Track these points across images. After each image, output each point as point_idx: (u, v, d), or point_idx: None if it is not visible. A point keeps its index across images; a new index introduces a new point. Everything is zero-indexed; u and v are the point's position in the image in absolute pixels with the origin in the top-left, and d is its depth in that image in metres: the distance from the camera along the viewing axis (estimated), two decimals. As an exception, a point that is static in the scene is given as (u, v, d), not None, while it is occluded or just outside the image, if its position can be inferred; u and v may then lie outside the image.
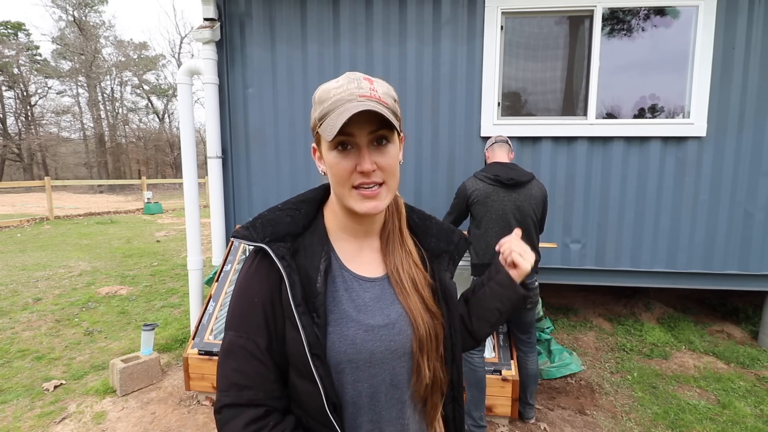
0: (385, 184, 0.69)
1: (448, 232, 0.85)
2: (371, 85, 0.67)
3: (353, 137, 0.66)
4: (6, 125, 27.99)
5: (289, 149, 3.47)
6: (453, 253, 0.84)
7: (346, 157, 0.67)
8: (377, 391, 0.72)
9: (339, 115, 0.62)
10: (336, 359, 0.69)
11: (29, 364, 3.19)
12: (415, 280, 0.77)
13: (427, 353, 0.74)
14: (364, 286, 0.75)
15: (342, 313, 0.71)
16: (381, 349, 0.71)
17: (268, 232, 0.71)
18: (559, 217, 3.34)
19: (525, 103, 3.40)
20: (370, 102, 0.63)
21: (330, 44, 3.34)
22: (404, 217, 0.82)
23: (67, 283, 5.25)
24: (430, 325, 0.74)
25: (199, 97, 22.47)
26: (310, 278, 0.70)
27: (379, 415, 0.73)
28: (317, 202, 0.80)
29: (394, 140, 0.69)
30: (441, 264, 0.82)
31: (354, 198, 0.68)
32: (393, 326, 0.73)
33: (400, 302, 0.75)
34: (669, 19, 3.21)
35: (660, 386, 2.91)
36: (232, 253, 3.10)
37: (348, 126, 0.63)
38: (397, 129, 0.68)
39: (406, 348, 0.73)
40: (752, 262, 3.25)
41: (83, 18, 28.77)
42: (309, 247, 0.73)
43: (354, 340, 0.70)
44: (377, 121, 0.65)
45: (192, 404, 2.69)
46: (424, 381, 0.74)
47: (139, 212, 13.69)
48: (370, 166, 0.66)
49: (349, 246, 0.77)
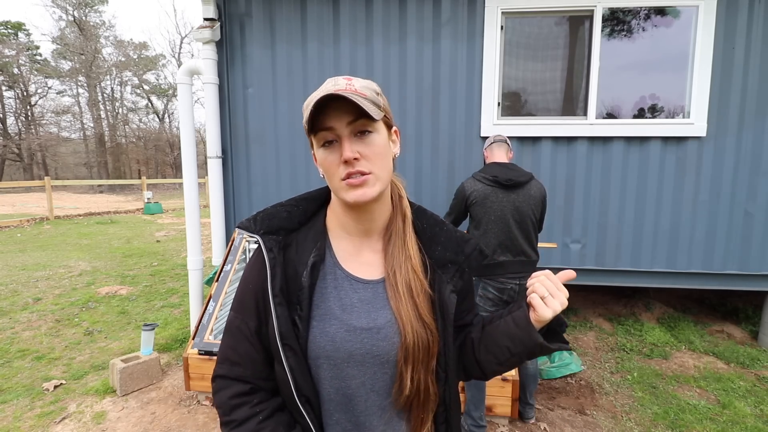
0: (372, 173, 0.69)
1: (460, 241, 0.80)
2: (348, 81, 0.68)
3: (334, 131, 0.68)
4: (6, 125, 27.99)
5: (289, 149, 3.47)
6: (462, 265, 0.78)
7: (332, 151, 0.69)
8: (356, 393, 0.72)
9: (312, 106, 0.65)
10: (315, 353, 0.71)
11: (29, 364, 3.19)
12: (412, 286, 0.74)
13: (412, 364, 0.71)
14: (355, 287, 0.75)
15: (327, 309, 0.72)
16: (361, 351, 0.71)
17: (264, 225, 0.75)
18: (559, 217, 3.34)
19: (525, 103, 3.40)
20: (344, 92, 0.64)
21: (330, 43, 3.35)
22: (409, 219, 0.79)
23: (67, 283, 5.25)
24: (420, 335, 0.71)
25: (199, 97, 22.48)
26: (296, 272, 0.73)
27: (357, 418, 0.73)
28: (319, 201, 0.82)
29: (377, 130, 0.70)
30: (445, 275, 0.77)
31: (343, 188, 0.69)
32: (378, 331, 0.72)
33: (391, 307, 0.73)
34: (669, 19, 3.21)
35: (660, 386, 2.91)
36: (232, 253, 3.10)
37: (327, 120, 0.67)
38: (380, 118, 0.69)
39: (390, 355, 0.72)
40: (752, 262, 3.25)
41: (83, 18, 28.77)
42: (302, 242, 0.76)
43: (334, 338, 0.71)
44: (355, 111, 0.66)
45: (192, 404, 2.69)
46: (404, 392, 0.72)
47: (139, 212, 13.69)
48: (351, 153, 0.66)
49: (348, 245, 0.78)
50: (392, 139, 0.76)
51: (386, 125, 0.73)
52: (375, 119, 0.67)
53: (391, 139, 0.75)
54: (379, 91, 0.71)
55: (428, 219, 0.82)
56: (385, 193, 0.75)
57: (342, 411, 0.73)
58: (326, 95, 0.64)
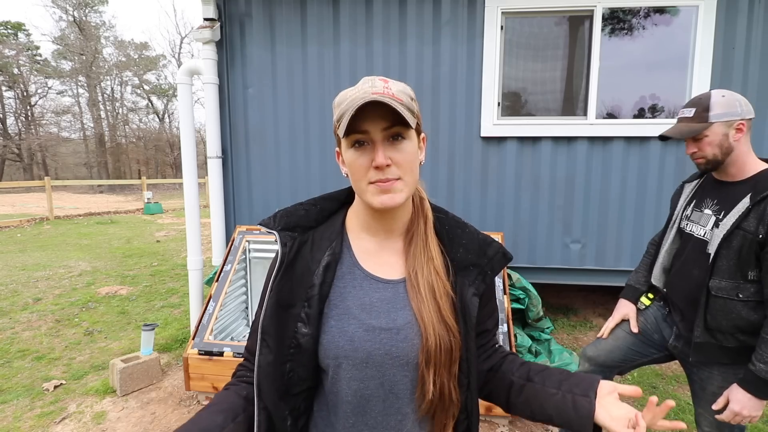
0: (401, 179, 0.68)
1: (483, 244, 0.78)
2: (385, 84, 0.67)
3: (368, 134, 0.67)
4: (6, 125, 28.00)
5: (289, 149, 3.47)
6: (485, 268, 0.76)
7: (363, 153, 0.68)
8: (374, 394, 0.71)
9: (352, 111, 0.64)
10: (334, 353, 0.70)
11: (29, 364, 3.19)
12: (434, 287, 0.72)
13: (434, 367, 0.69)
14: (375, 286, 0.74)
15: (345, 309, 0.72)
16: (380, 352, 0.70)
17: (283, 222, 0.76)
18: (559, 217, 3.34)
19: (525, 103, 3.40)
20: (383, 98, 0.64)
21: (330, 44, 3.35)
22: (430, 220, 0.78)
23: (67, 283, 5.25)
24: (442, 338, 0.69)
25: (199, 97, 22.48)
26: (308, 269, 0.73)
27: (374, 420, 0.72)
28: (339, 202, 0.82)
29: (410, 137, 0.70)
30: (467, 278, 0.75)
31: (371, 192, 0.69)
32: (398, 332, 0.70)
33: (412, 308, 0.71)
34: (669, 19, 3.21)
35: (660, 386, 2.91)
36: (232, 253, 3.10)
37: (362, 123, 0.66)
38: (414, 126, 0.68)
39: (410, 357, 0.70)
40: (752, 262, 3.24)
41: (83, 18, 28.78)
42: (318, 240, 0.76)
43: (353, 338, 0.70)
44: (391, 117, 0.66)
45: (192, 404, 2.69)
46: (428, 396, 0.70)
47: (139, 212, 13.69)
48: (384, 160, 0.66)
49: (368, 245, 0.77)
50: (420, 146, 0.75)
51: (417, 132, 0.73)
52: (410, 126, 0.67)
53: (419, 146, 0.75)
54: (413, 97, 0.71)
55: (450, 221, 0.80)
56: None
57: (358, 414, 0.72)
58: (367, 101, 0.63)
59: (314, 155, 3.45)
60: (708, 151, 1.40)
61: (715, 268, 1.36)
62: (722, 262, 1.34)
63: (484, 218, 3.39)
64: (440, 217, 0.80)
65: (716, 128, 1.38)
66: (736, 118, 1.37)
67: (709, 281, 1.37)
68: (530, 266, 3.39)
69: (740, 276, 1.32)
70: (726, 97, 1.39)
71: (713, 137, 1.38)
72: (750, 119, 1.38)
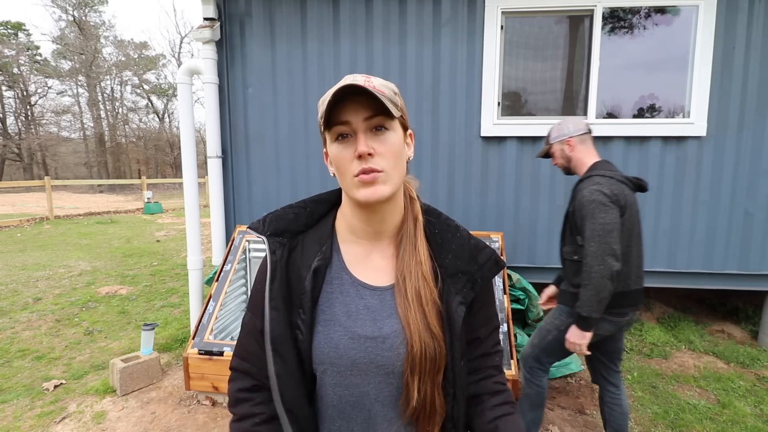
0: (384, 171, 0.66)
1: (473, 250, 0.74)
2: (367, 79, 0.67)
3: (350, 125, 0.66)
4: (6, 125, 28.00)
5: (289, 149, 3.47)
6: (474, 275, 0.73)
7: (346, 146, 0.67)
8: (359, 401, 0.71)
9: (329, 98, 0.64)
10: (320, 359, 0.70)
11: (29, 364, 3.19)
12: (421, 293, 0.70)
13: (419, 375, 0.69)
14: (361, 293, 0.73)
15: (332, 315, 0.71)
16: (365, 360, 0.69)
17: (272, 227, 0.75)
18: (559, 217, 3.33)
19: (525, 103, 3.40)
20: (363, 87, 0.63)
21: (330, 43, 3.34)
22: (420, 223, 0.76)
23: (67, 283, 5.25)
24: (428, 346, 0.68)
25: (199, 97, 22.50)
26: (299, 276, 0.71)
27: (360, 426, 0.72)
28: (329, 204, 0.80)
29: (393, 128, 0.69)
30: (454, 285, 0.72)
31: (355, 185, 0.67)
32: (384, 341, 0.69)
33: (399, 315, 0.70)
34: (669, 19, 3.21)
35: (660, 386, 2.91)
36: (232, 253, 3.10)
37: (343, 114, 0.65)
38: (398, 117, 0.68)
39: (395, 366, 0.69)
40: (752, 261, 3.25)
41: (83, 18, 28.77)
42: (308, 245, 0.74)
43: (338, 345, 0.70)
44: (373, 107, 0.65)
45: (192, 404, 2.69)
46: (412, 403, 0.69)
47: (139, 212, 13.69)
48: (366, 148, 0.65)
49: (357, 249, 0.76)
50: (407, 142, 0.74)
51: (402, 126, 0.72)
52: (393, 116, 0.67)
53: (405, 141, 0.73)
54: (397, 91, 0.70)
55: (441, 224, 0.77)
56: (397, 195, 0.74)
57: (344, 419, 0.72)
58: (345, 86, 0.62)
59: (314, 155, 3.45)
60: (558, 162, 2.00)
61: (564, 239, 1.95)
62: (566, 234, 1.92)
63: (484, 218, 3.38)
64: (431, 221, 0.77)
65: (555, 146, 1.99)
66: (565, 137, 1.94)
67: (561, 248, 1.98)
68: (530, 266, 3.39)
69: (572, 242, 1.86)
70: (560, 124, 1.97)
71: (556, 152, 1.99)
72: (580, 135, 1.92)
